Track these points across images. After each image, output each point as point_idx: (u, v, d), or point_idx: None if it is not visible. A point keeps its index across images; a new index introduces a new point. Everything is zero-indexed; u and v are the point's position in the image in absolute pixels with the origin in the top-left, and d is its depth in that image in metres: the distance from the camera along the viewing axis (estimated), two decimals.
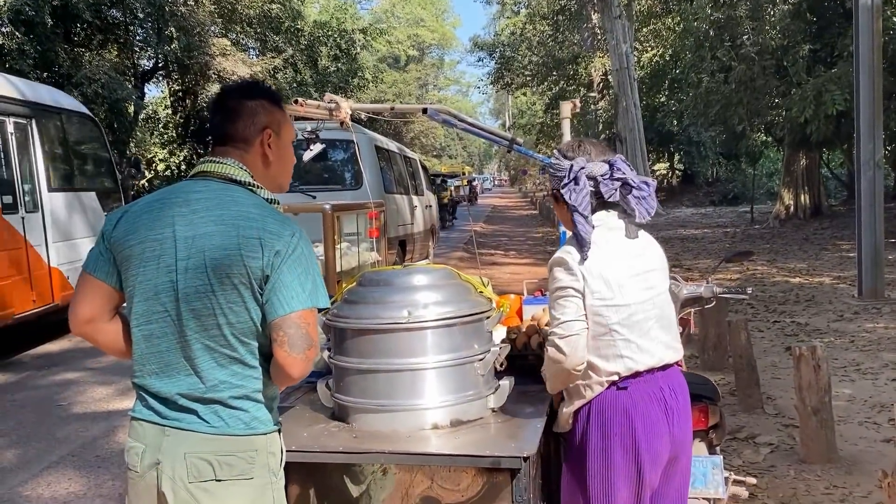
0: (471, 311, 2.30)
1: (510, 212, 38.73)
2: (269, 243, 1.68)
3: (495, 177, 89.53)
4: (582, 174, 2.19)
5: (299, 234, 1.74)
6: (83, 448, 4.87)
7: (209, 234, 1.69)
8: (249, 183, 1.79)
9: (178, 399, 1.72)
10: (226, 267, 1.67)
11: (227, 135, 1.83)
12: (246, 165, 1.81)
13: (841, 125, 13.38)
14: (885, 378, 5.63)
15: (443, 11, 73.24)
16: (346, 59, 28.35)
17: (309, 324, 1.70)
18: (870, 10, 8.66)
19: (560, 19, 31.81)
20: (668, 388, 2.19)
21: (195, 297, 1.69)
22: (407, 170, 12.14)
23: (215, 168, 1.79)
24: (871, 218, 8.79)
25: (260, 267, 1.67)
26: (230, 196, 1.74)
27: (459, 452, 2.06)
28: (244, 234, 1.68)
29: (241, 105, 1.84)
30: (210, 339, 1.70)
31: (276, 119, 1.87)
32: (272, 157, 1.85)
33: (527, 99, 54.80)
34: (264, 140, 1.84)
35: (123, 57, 20.82)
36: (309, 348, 1.69)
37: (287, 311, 1.67)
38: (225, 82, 21.65)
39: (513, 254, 16.58)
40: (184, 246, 1.69)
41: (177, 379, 1.72)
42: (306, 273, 1.72)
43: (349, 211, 3.48)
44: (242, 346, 1.72)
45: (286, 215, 1.79)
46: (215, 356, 1.71)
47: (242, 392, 1.73)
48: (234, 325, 1.70)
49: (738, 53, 15.58)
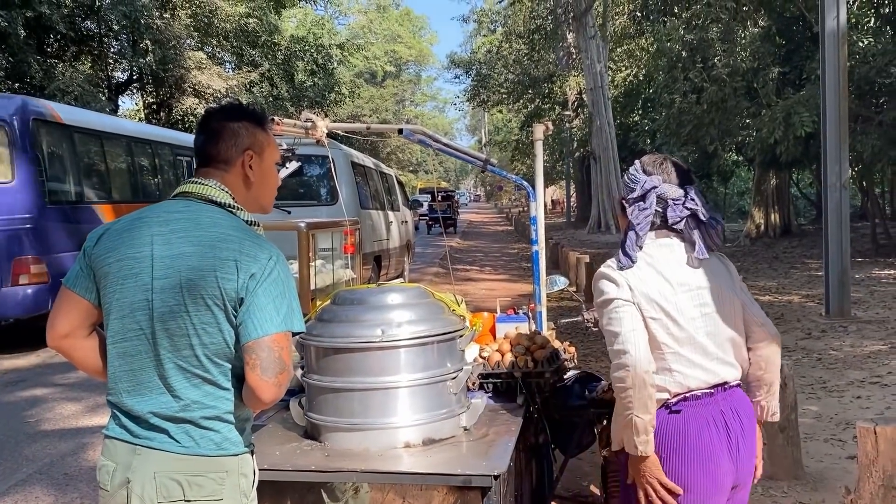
0: (444, 329, 2.33)
1: (486, 227, 38.87)
2: (245, 266, 1.69)
3: (472, 193, 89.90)
4: (652, 193, 2.15)
5: (277, 257, 1.75)
6: (51, 466, 4.80)
7: (186, 254, 1.70)
8: (229, 205, 1.81)
9: (150, 418, 1.72)
10: (200, 287, 1.68)
11: (210, 156, 1.85)
12: (227, 186, 1.83)
13: (809, 146, 13.66)
14: (851, 396, 5.74)
15: (420, 28, 73.72)
16: (322, 74, 28.40)
17: (282, 348, 1.70)
18: (836, 35, 8.89)
19: (536, 38, 32.16)
20: (729, 411, 2.09)
21: (169, 316, 1.70)
22: (383, 185, 12.17)
23: (196, 189, 1.81)
24: (838, 238, 8.96)
25: (234, 289, 1.68)
26: (209, 217, 1.76)
27: (431, 471, 2.08)
28: (220, 256, 1.69)
29: (224, 126, 1.86)
30: (183, 359, 1.71)
31: (259, 141, 1.89)
32: (253, 178, 1.87)
33: (503, 116, 55.22)
34: (245, 161, 1.85)
35: (97, 69, 20.66)
36: (281, 373, 1.69)
37: (260, 334, 1.67)
38: (200, 95, 21.63)
39: (488, 270, 16.64)
40: (160, 265, 1.71)
41: (149, 397, 1.73)
42: (282, 297, 1.72)
43: (324, 229, 3.50)
44: (215, 368, 1.72)
45: (263, 238, 1.80)
46: (188, 376, 1.71)
47: (214, 413, 1.73)
48: (208, 346, 1.70)
49: (710, 75, 15.86)
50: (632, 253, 2.11)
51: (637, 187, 2.18)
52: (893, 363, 6.61)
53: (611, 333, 2.07)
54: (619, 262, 2.13)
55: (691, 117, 16.53)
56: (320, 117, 3.17)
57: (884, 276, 12.42)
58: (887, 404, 5.47)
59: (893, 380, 6.08)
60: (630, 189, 2.21)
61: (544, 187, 3.60)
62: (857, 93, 13.37)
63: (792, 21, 16.48)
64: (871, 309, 9.41)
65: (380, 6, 67.98)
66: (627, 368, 1.99)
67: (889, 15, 15.35)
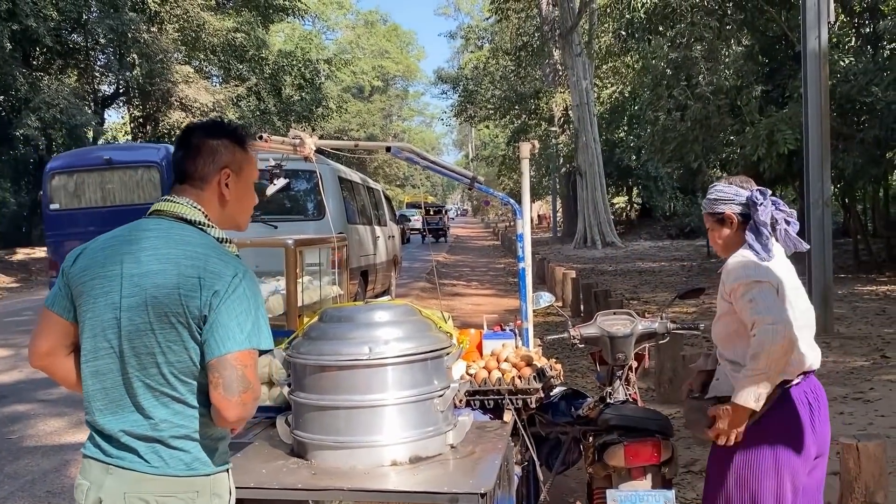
0: (431, 347, 2.33)
1: (473, 242, 38.91)
2: (208, 283, 1.69)
3: (458, 207, 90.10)
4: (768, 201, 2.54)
5: (243, 274, 1.74)
6: (33, 483, 4.74)
7: (152, 272, 1.71)
8: (200, 222, 1.81)
9: (121, 436, 1.73)
10: (164, 305, 1.69)
11: (187, 172, 1.85)
12: (202, 204, 1.83)
13: (792, 163, 13.80)
14: (833, 412, 5.76)
15: (407, 44, 74.06)
16: (310, 89, 28.44)
17: (246, 366, 1.69)
18: (817, 54, 9.02)
19: (522, 55, 32.39)
20: (811, 392, 2.51)
21: (136, 334, 1.71)
22: (370, 200, 12.18)
23: (169, 207, 1.82)
24: (821, 255, 9.05)
25: (198, 307, 1.68)
26: (179, 235, 1.76)
27: (418, 489, 2.09)
28: (184, 273, 1.70)
29: (203, 143, 1.86)
30: (150, 377, 1.71)
31: (238, 159, 1.89)
32: (229, 196, 1.87)
33: (490, 131, 55.46)
34: (222, 179, 1.85)
35: (83, 82, 20.61)
36: (245, 391, 1.68)
37: (223, 351, 1.67)
38: (187, 109, 21.60)
39: (475, 284, 16.65)
40: (128, 283, 1.72)
41: (121, 416, 1.74)
42: (246, 314, 1.71)
43: (312, 245, 3.51)
44: (183, 386, 1.73)
45: (233, 255, 1.80)
46: (156, 395, 1.72)
47: (184, 432, 1.73)
48: (174, 364, 1.71)
49: (694, 93, 16.03)
50: (771, 248, 2.48)
51: (743, 200, 2.56)
52: (876, 379, 6.67)
53: (762, 307, 2.34)
54: (759, 255, 2.47)
55: (676, 134, 16.67)
56: (308, 133, 3.19)
57: (866, 292, 12.55)
58: (870, 420, 5.51)
59: (876, 396, 6.13)
60: (736, 204, 2.57)
61: (531, 202, 3.63)
62: (839, 111, 13.55)
63: (774, 40, 16.70)
64: (853, 325, 9.49)
65: (368, 21, 68.30)
66: (782, 334, 2.29)
67: (869, 35, 15.61)
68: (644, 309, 9.84)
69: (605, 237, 26.82)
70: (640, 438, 2.84)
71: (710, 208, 2.62)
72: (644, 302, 11.97)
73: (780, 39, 16.42)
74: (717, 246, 2.67)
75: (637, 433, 2.86)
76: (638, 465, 2.84)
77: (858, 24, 16.29)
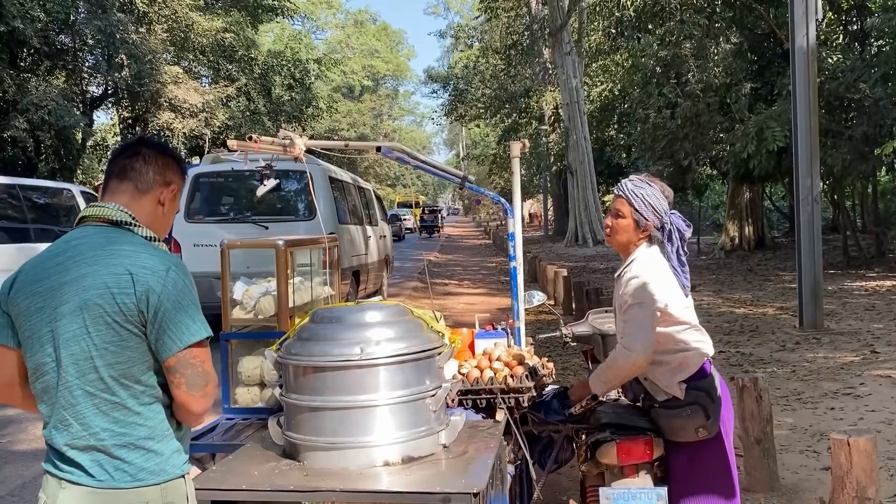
0: (423, 347, 2.33)
1: (464, 241, 38.93)
2: (142, 278, 1.68)
3: (450, 206, 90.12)
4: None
5: (176, 267, 1.74)
6: (23, 488, 4.71)
7: (82, 275, 1.69)
8: (127, 222, 1.80)
9: (66, 451, 1.70)
10: (98, 306, 1.67)
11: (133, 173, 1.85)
12: (135, 208, 1.83)
13: (782, 160, 13.87)
14: (825, 407, 5.82)
15: (397, 43, 74.00)
16: (300, 89, 28.36)
17: (203, 360, 1.72)
18: (806, 52, 9.07)
19: (512, 54, 32.43)
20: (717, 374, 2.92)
21: (73, 341, 1.68)
22: (361, 200, 12.15)
23: (95, 212, 1.81)
24: (811, 251, 9.10)
25: (134, 303, 1.67)
26: (105, 236, 1.76)
27: (410, 489, 2.08)
28: (115, 272, 1.68)
29: (160, 156, 1.89)
30: (89, 383, 1.69)
31: (180, 183, 1.94)
32: (166, 210, 1.90)
33: (480, 130, 55.46)
34: (165, 193, 1.88)
35: (72, 83, 20.48)
36: (206, 384, 1.72)
37: (180, 346, 1.68)
38: (176, 110, 21.50)
39: (467, 283, 16.66)
40: (59, 293, 1.70)
41: (64, 430, 1.71)
42: (194, 304, 1.73)
43: (303, 246, 3.49)
44: (124, 390, 1.70)
45: (163, 250, 1.80)
46: (96, 402, 1.69)
47: (126, 440, 1.70)
48: (113, 366, 1.68)
49: (684, 90, 16.10)
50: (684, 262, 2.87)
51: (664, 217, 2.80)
52: (866, 374, 6.71)
53: (631, 330, 2.71)
54: (681, 278, 2.84)
55: (666, 132, 16.74)
56: (298, 134, 3.18)
57: (855, 287, 12.62)
58: (860, 415, 5.54)
59: (866, 391, 6.17)
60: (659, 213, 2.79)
61: (522, 201, 3.63)
62: (828, 108, 13.63)
63: (763, 38, 16.79)
64: (843, 321, 9.55)
65: (357, 21, 68.22)
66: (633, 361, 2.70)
67: (857, 32, 15.71)
68: None
69: (597, 235, 26.87)
70: (632, 436, 2.84)
71: (638, 207, 2.78)
72: None
73: (768, 37, 16.51)
74: (616, 235, 2.86)
75: (629, 431, 2.86)
76: (630, 463, 2.85)
77: (846, 21, 16.39)
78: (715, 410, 2.79)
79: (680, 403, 2.77)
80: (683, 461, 2.86)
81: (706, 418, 2.77)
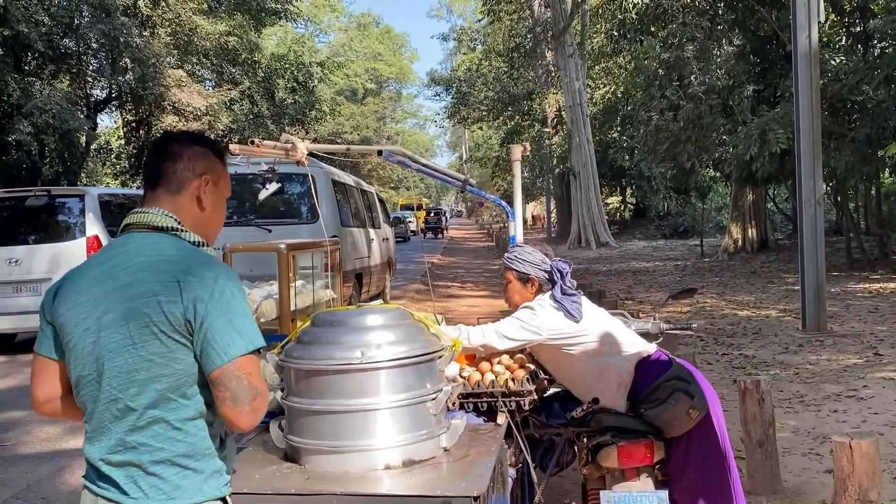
0: (423, 350, 2.33)
1: (467, 243, 38.93)
2: (190, 286, 1.60)
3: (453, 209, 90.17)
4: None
5: (224, 274, 1.66)
6: (28, 490, 4.73)
7: (126, 284, 1.63)
8: (173, 228, 1.73)
9: (101, 465, 1.65)
10: (144, 316, 1.60)
11: (163, 175, 1.77)
12: (177, 211, 1.76)
13: (784, 162, 13.85)
14: (827, 409, 5.81)
15: (400, 46, 74.10)
16: (303, 92, 28.43)
17: (250, 373, 1.62)
18: (808, 54, 9.06)
19: (515, 56, 32.46)
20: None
21: (117, 352, 1.62)
22: (363, 203, 12.18)
23: (139, 219, 1.74)
24: (814, 254, 9.09)
25: (181, 311, 1.59)
26: (150, 243, 1.69)
27: (410, 493, 2.08)
28: (161, 280, 1.61)
29: (184, 148, 1.80)
30: (130, 397, 1.62)
31: (216, 170, 1.84)
32: (206, 203, 1.81)
33: (483, 133, 55.50)
34: (201, 185, 1.79)
35: (76, 87, 20.55)
36: (254, 399, 1.62)
37: (224, 360, 1.59)
38: (180, 113, 21.55)
39: (470, 286, 16.66)
40: (103, 303, 1.63)
41: (101, 443, 1.65)
42: (242, 314, 1.64)
43: (305, 249, 3.51)
44: (166, 404, 1.62)
45: (211, 256, 1.73)
46: (136, 416, 1.62)
47: (163, 456, 1.62)
48: (158, 379, 1.61)
49: (687, 93, 16.09)
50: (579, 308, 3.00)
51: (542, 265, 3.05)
52: (869, 377, 6.70)
53: (506, 325, 2.92)
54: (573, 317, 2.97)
55: (669, 134, 16.73)
56: (301, 137, 3.19)
57: (859, 289, 12.60)
58: (863, 418, 5.54)
59: (869, 393, 6.16)
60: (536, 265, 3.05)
61: (525, 203, 3.64)
62: (830, 110, 13.61)
63: (765, 40, 16.77)
64: (846, 323, 9.54)
65: (360, 24, 68.34)
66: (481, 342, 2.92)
67: (860, 34, 15.69)
68: (639, 309, 9.85)
69: (599, 237, 26.88)
70: (633, 439, 2.85)
71: (518, 267, 3.07)
72: (639, 302, 11.99)
73: (771, 39, 16.49)
74: (511, 299, 3.14)
75: (630, 434, 2.86)
76: (631, 466, 2.85)
77: (849, 23, 16.37)
78: (696, 389, 2.87)
79: (661, 398, 2.84)
80: (681, 452, 2.92)
81: (691, 398, 2.83)
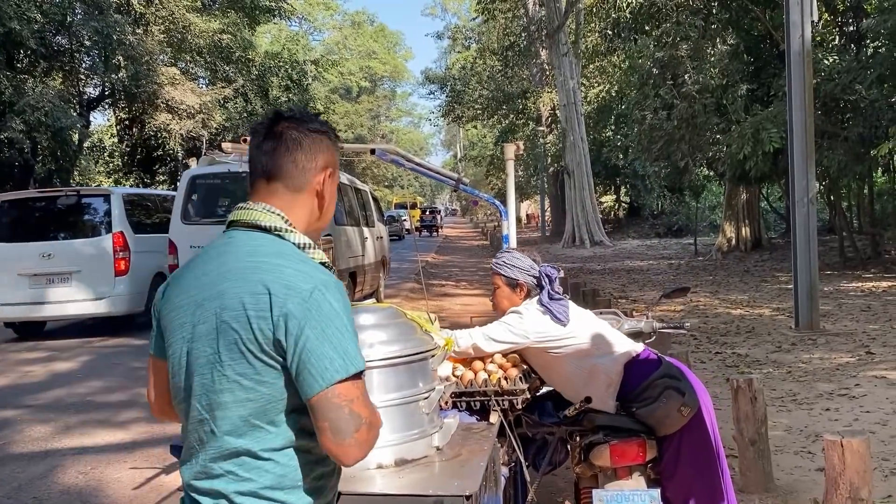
0: (416, 350, 2.33)
1: (461, 242, 38.94)
2: (280, 299, 1.40)
3: (447, 207, 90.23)
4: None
5: (324, 286, 1.43)
6: (19, 490, 4.71)
7: (220, 293, 1.45)
8: (278, 227, 1.52)
9: (190, 490, 1.50)
10: (233, 331, 1.41)
11: (280, 169, 1.55)
12: (292, 207, 1.55)
13: (778, 161, 13.90)
14: (820, 408, 5.83)
15: (395, 44, 74.05)
16: (297, 90, 28.43)
17: (352, 400, 1.39)
18: (801, 53, 9.09)
19: (509, 55, 32.46)
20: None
21: (206, 368, 1.45)
22: (358, 201, 12.17)
23: (241, 215, 1.54)
24: (807, 252, 9.12)
25: (270, 329, 1.39)
26: (251, 246, 1.49)
27: (403, 492, 2.08)
28: (253, 290, 1.41)
29: (305, 136, 1.56)
30: (216, 420, 1.44)
31: (336, 158, 1.63)
32: (325, 201, 1.60)
33: (477, 131, 55.53)
34: (324, 180, 1.58)
35: (69, 84, 20.49)
36: (357, 430, 1.39)
37: (322, 385, 1.37)
38: (173, 111, 21.50)
39: (464, 284, 16.66)
40: (200, 310, 1.47)
41: (190, 466, 1.50)
42: (341, 333, 1.41)
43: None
44: (253, 431, 1.43)
45: (314, 264, 1.50)
46: (220, 442, 1.44)
47: (248, 488, 1.43)
48: (244, 403, 1.42)
49: (680, 92, 16.11)
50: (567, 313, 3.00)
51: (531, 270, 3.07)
52: (861, 375, 6.73)
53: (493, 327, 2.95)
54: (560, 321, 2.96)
55: (662, 133, 16.77)
56: None
57: (851, 288, 12.65)
58: (855, 416, 5.56)
59: (861, 392, 6.19)
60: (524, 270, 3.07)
61: (519, 202, 3.64)
62: (824, 109, 13.66)
63: (759, 39, 16.82)
64: (839, 321, 9.57)
65: (354, 22, 68.25)
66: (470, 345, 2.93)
67: (853, 33, 15.75)
68: (632, 308, 9.88)
69: (594, 236, 26.91)
70: (625, 438, 2.85)
71: (507, 273, 3.07)
72: (633, 300, 12.01)
73: (764, 38, 16.54)
74: (499, 305, 3.12)
75: (622, 433, 2.87)
76: (624, 465, 2.86)
77: (842, 22, 16.43)
78: (687, 386, 2.86)
79: (652, 396, 2.84)
80: (673, 450, 2.91)
81: (682, 395, 2.83)
